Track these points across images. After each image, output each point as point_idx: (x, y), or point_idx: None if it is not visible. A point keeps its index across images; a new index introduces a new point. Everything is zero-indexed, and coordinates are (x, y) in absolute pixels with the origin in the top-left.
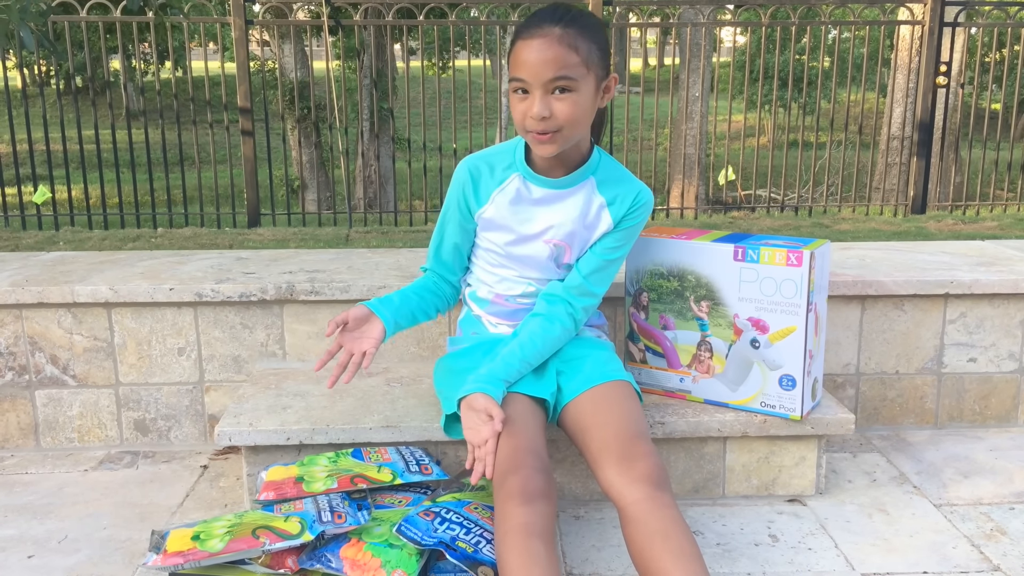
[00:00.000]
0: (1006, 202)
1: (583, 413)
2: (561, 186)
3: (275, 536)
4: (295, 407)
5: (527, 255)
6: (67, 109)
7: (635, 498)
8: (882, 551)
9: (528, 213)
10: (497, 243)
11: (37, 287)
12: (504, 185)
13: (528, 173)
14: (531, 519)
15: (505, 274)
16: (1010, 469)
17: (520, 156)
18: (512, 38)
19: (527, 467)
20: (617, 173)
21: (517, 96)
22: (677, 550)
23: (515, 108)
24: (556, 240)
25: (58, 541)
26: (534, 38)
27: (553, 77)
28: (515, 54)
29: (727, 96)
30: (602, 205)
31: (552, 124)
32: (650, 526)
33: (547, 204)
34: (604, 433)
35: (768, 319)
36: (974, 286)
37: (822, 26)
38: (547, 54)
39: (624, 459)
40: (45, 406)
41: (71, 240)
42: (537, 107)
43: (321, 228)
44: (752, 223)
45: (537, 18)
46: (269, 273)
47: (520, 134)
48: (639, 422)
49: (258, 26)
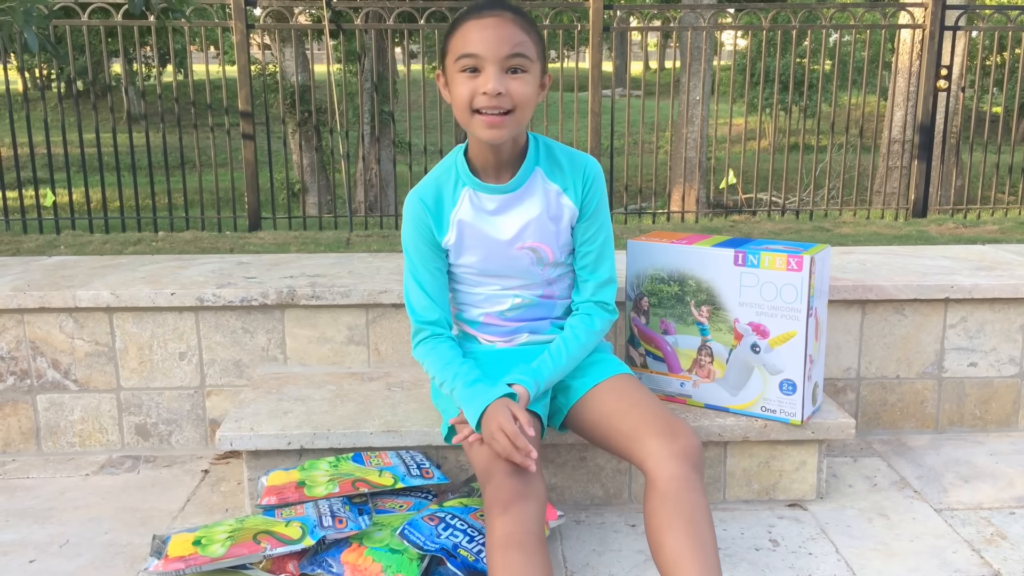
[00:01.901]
0: (1007, 206)
1: (604, 401)
2: (512, 188)
3: (276, 541)
4: (296, 412)
5: (505, 266)
6: (68, 112)
7: (672, 474)
8: (883, 556)
9: (491, 225)
10: (471, 264)
11: (39, 292)
12: (458, 205)
13: (477, 184)
14: (509, 528)
15: (488, 291)
16: (1010, 473)
17: (464, 169)
18: (453, 24)
19: (499, 473)
20: (558, 155)
21: (464, 75)
22: (698, 537)
23: (461, 88)
24: (531, 243)
25: (59, 546)
26: (486, 17)
27: (509, 54)
28: (464, 33)
29: (728, 99)
30: (558, 192)
31: (506, 102)
32: (679, 506)
33: (506, 211)
34: (641, 411)
35: (768, 324)
36: (974, 291)
37: (823, 29)
38: (503, 31)
39: (666, 433)
40: (46, 410)
41: (72, 244)
42: (492, 82)
43: (322, 232)
44: (753, 227)
45: (484, 3)
46: (270, 278)
47: (463, 121)
48: (668, 407)
49: (259, 30)
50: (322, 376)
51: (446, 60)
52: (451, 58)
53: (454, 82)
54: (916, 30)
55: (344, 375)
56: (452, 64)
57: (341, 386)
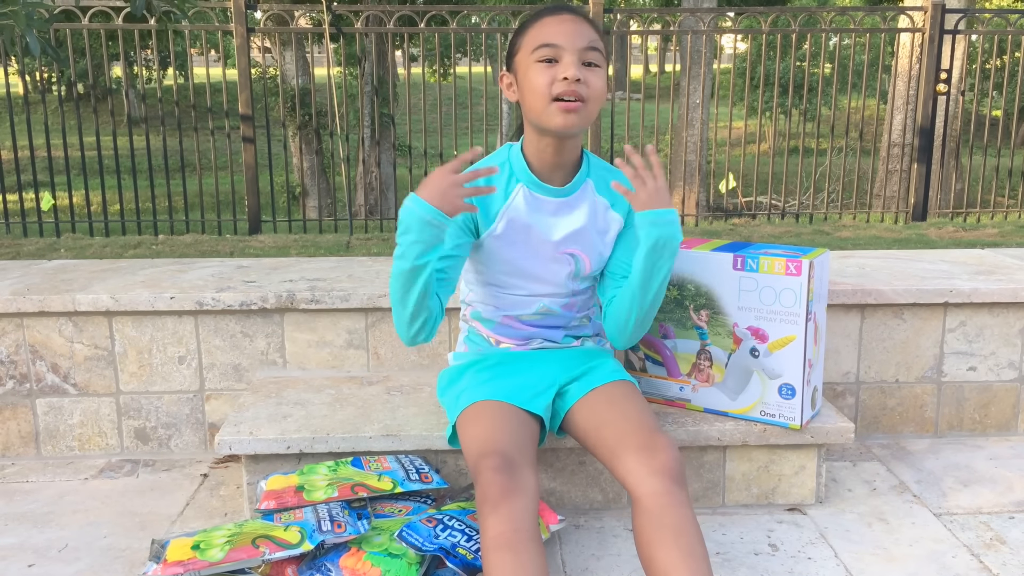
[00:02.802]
0: (1007, 209)
1: (595, 410)
2: (567, 193)
3: (275, 546)
4: (295, 416)
5: (541, 269)
6: (69, 115)
7: (653, 490)
8: (882, 560)
9: (542, 224)
10: (509, 260)
11: (38, 296)
12: (511, 199)
13: (534, 183)
14: (499, 528)
15: (516, 295)
16: (1010, 478)
17: (521, 166)
18: (524, 25)
19: (486, 470)
20: (607, 170)
21: (542, 65)
22: (687, 549)
23: (539, 77)
24: (573, 250)
25: (58, 550)
26: (563, 14)
27: (587, 46)
28: (541, 27)
29: (728, 103)
30: (606, 207)
31: (583, 89)
32: (664, 520)
33: (558, 214)
34: (624, 424)
35: (767, 328)
36: (974, 295)
37: (823, 33)
38: (580, 27)
39: (645, 449)
40: (46, 414)
41: (72, 247)
42: (573, 68)
43: (322, 235)
44: (753, 230)
45: (558, 5)
46: (270, 282)
47: (536, 111)
48: (654, 417)
49: (260, 33)
50: (321, 380)
51: (516, 57)
52: (525, 51)
53: (530, 72)
54: (916, 34)
55: (343, 379)
56: (527, 56)
57: (340, 390)
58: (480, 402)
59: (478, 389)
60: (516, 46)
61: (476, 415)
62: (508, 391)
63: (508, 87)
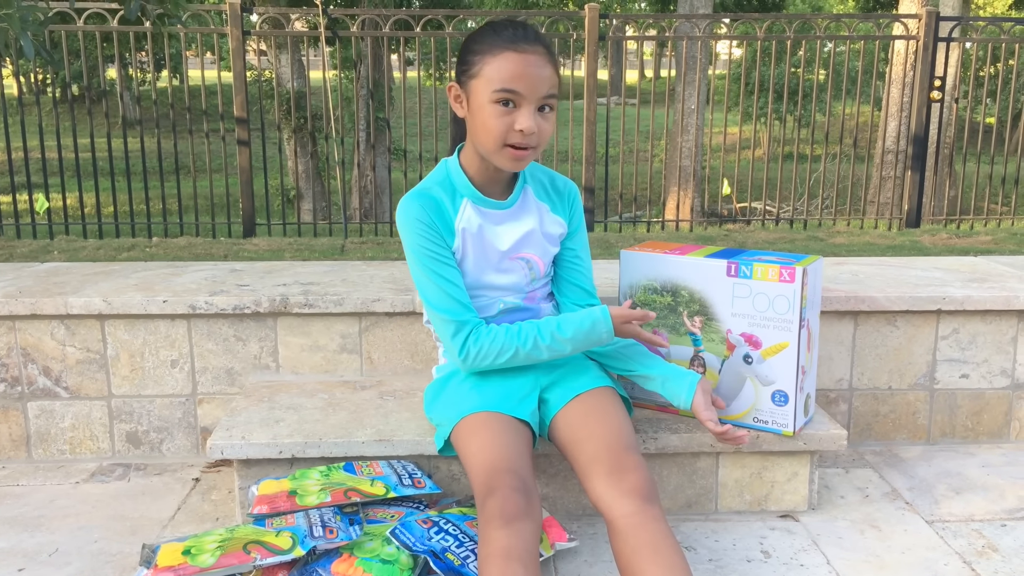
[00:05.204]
0: (1000, 216)
1: (571, 425)
2: (508, 205)
3: (266, 551)
4: (288, 420)
5: (498, 277)
6: (63, 117)
7: (625, 511)
8: (874, 567)
9: (492, 235)
10: (467, 272)
11: (30, 298)
12: (459, 215)
13: (478, 198)
14: (511, 542)
15: (477, 304)
16: (1002, 485)
17: (463, 182)
18: (486, 47)
19: (505, 487)
20: (541, 176)
21: (499, 108)
22: (667, 564)
23: (495, 121)
24: (525, 254)
25: (49, 554)
26: (528, 53)
27: (546, 94)
28: (504, 64)
29: (723, 108)
30: (547, 211)
31: (534, 140)
32: (639, 539)
33: (505, 223)
34: (594, 445)
35: (761, 335)
36: (966, 302)
37: (817, 40)
38: (544, 71)
39: (614, 472)
40: (37, 418)
41: (66, 249)
42: (530, 121)
43: (316, 238)
44: (747, 236)
45: (522, 33)
46: (263, 285)
47: (488, 150)
48: (628, 433)
49: (255, 36)
50: (314, 384)
51: (472, 82)
52: (483, 82)
53: (486, 110)
54: (910, 41)
55: (336, 384)
56: (485, 89)
57: (333, 395)
58: (474, 414)
59: (466, 399)
60: (473, 68)
61: (473, 428)
62: (496, 399)
63: (456, 100)
